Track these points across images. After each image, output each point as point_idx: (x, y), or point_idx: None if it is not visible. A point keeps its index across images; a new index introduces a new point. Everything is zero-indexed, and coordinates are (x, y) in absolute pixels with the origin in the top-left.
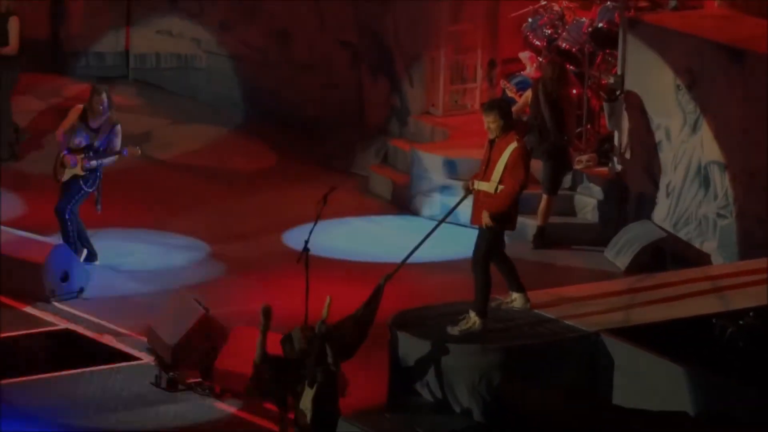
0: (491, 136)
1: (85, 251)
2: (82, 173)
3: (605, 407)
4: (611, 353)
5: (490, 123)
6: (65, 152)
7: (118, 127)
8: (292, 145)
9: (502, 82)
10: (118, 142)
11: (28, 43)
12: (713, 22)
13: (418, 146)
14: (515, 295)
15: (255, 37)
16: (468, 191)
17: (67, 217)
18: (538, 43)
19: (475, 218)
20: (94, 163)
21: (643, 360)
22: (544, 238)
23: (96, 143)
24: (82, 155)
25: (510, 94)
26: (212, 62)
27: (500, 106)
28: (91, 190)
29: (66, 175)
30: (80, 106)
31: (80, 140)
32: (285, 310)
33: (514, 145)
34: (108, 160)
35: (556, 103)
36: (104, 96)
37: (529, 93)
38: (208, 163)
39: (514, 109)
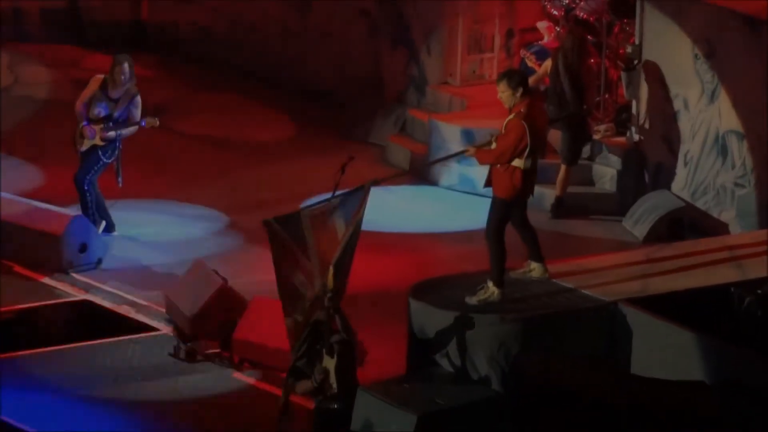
0: (505, 106)
1: (103, 222)
2: (101, 143)
3: (623, 377)
4: (629, 323)
5: (500, 93)
6: (84, 123)
7: (138, 98)
8: (311, 115)
9: (522, 52)
10: (137, 113)
11: (47, 13)
12: None
13: (436, 116)
14: (534, 265)
15: (274, 6)
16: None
17: (85, 187)
18: (556, 12)
19: (487, 181)
20: (112, 133)
21: (661, 330)
22: (561, 208)
23: (115, 114)
24: (101, 126)
25: (530, 63)
26: (231, 31)
27: (510, 76)
28: (109, 161)
29: (85, 146)
30: (100, 76)
31: (99, 110)
32: None
33: (511, 116)
34: (127, 131)
35: (576, 74)
36: (126, 66)
37: (548, 63)
38: (226, 134)
39: (532, 78)
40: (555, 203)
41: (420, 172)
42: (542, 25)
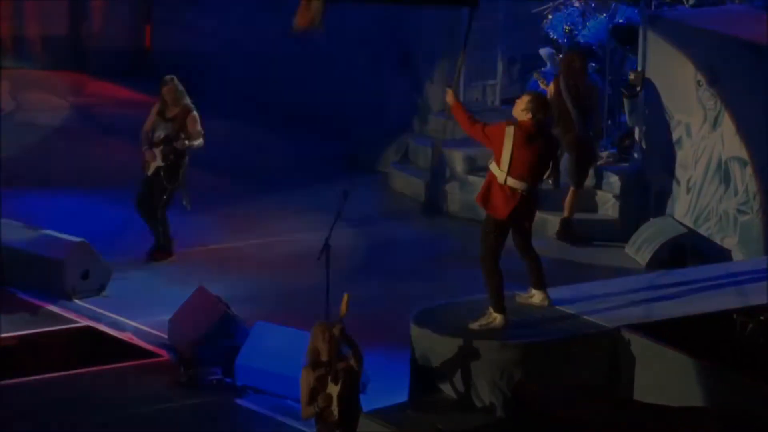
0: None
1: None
2: (163, 164)
3: (625, 403)
4: (631, 349)
5: (516, 107)
6: (146, 148)
7: (194, 114)
8: (313, 142)
9: (534, 74)
10: (195, 128)
11: (49, 40)
12: (734, 18)
13: (439, 143)
14: (534, 292)
15: (276, 32)
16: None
17: (157, 213)
18: (558, 39)
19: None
20: (173, 151)
21: (664, 356)
22: (569, 231)
23: (172, 133)
24: (161, 146)
25: (541, 86)
26: (233, 58)
27: (531, 96)
28: (173, 186)
29: (151, 169)
30: (158, 103)
31: (159, 133)
32: (308, 306)
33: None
34: (181, 145)
35: (579, 95)
36: (172, 85)
37: (551, 87)
38: (228, 160)
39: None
40: (561, 225)
41: (423, 199)
42: (544, 52)
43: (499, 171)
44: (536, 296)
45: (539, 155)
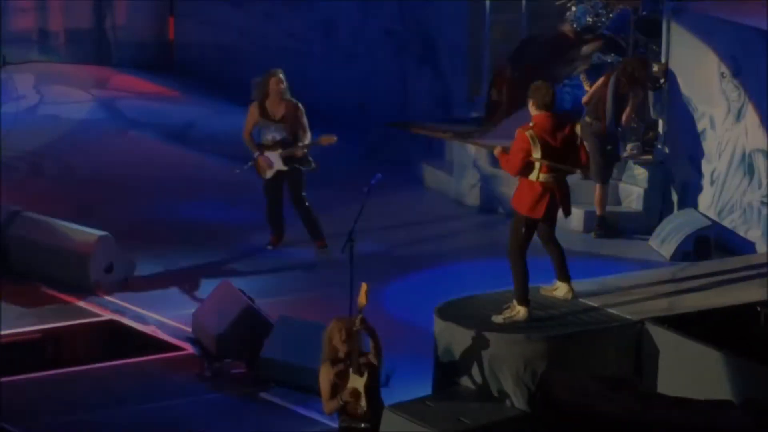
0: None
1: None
2: (285, 168)
3: (649, 396)
4: (655, 342)
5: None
6: (257, 154)
7: (301, 107)
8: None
9: (581, 75)
10: (305, 121)
11: (72, 32)
12: (757, 9)
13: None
14: (559, 284)
15: (299, 26)
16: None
17: (306, 204)
18: (578, 29)
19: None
20: (297, 151)
21: (688, 348)
22: (606, 227)
23: (289, 135)
24: (279, 151)
25: (585, 87)
26: (256, 52)
27: (531, 88)
28: (308, 169)
29: (269, 174)
30: (254, 103)
31: (274, 135)
32: (331, 299)
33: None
34: (305, 144)
35: (621, 98)
36: (281, 75)
37: (601, 80)
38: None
39: (585, 96)
40: (597, 223)
41: (446, 192)
42: None
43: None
44: (560, 288)
45: (564, 143)
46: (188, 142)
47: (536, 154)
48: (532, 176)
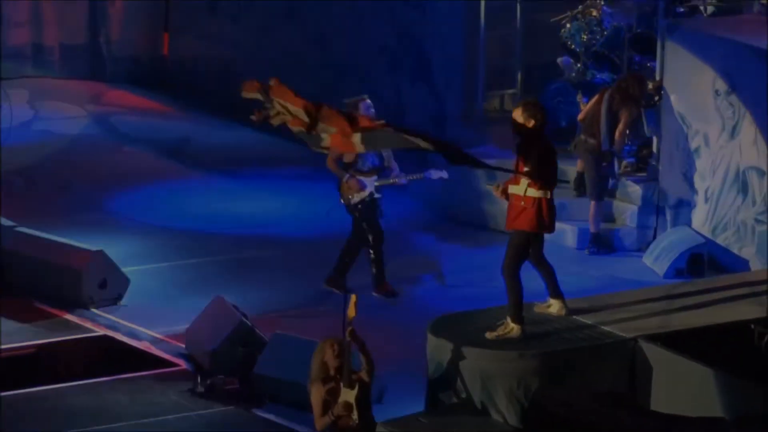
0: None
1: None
2: (378, 195)
3: (643, 413)
4: (649, 359)
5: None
6: (347, 176)
7: None
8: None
9: (578, 96)
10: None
11: (66, 48)
12: (752, 26)
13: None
14: (552, 301)
15: (294, 41)
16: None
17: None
18: (576, 48)
19: (508, 223)
20: (398, 180)
21: (681, 366)
22: (598, 244)
23: (387, 163)
24: (374, 176)
25: (582, 107)
26: (250, 67)
27: (525, 104)
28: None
29: (357, 198)
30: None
31: (373, 161)
32: (325, 315)
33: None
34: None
35: (615, 116)
36: (369, 101)
37: (595, 98)
38: (246, 168)
39: (580, 114)
40: (591, 240)
41: (440, 208)
42: (562, 60)
43: (538, 189)
44: (554, 305)
45: (552, 158)
46: (183, 158)
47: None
48: (541, 194)
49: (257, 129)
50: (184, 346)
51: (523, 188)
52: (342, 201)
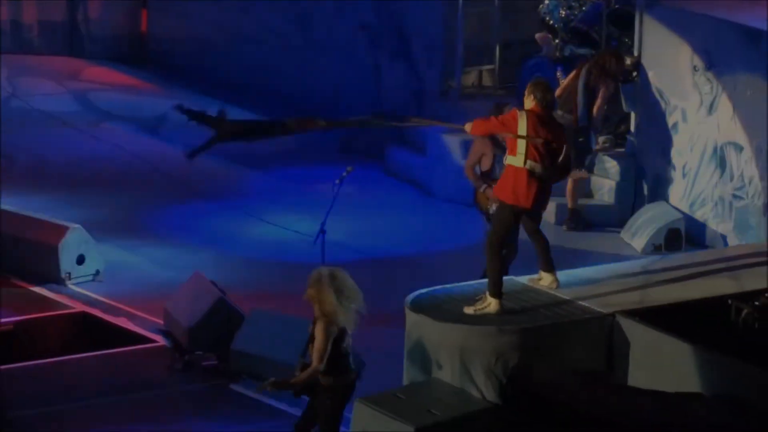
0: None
1: None
2: None
3: (621, 388)
4: (627, 334)
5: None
6: (484, 187)
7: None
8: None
9: (558, 73)
10: None
11: (45, 25)
12: (730, 2)
13: (436, 127)
14: (543, 274)
15: (274, 19)
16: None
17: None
18: (554, 24)
19: (494, 190)
20: None
21: (659, 341)
22: (578, 220)
23: None
24: None
25: (561, 81)
26: (230, 45)
27: (533, 83)
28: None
29: (494, 208)
30: (484, 140)
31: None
32: (300, 293)
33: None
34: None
35: (592, 92)
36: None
37: (572, 74)
38: (224, 146)
39: (558, 90)
40: (570, 215)
41: (419, 184)
42: (540, 36)
43: (516, 158)
44: (545, 278)
45: (552, 139)
46: (161, 135)
47: (520, 133)
48: (518, 162)
49: (235, 105)
50: (162, 322)
51: (511, 158)
52: (480, 210)
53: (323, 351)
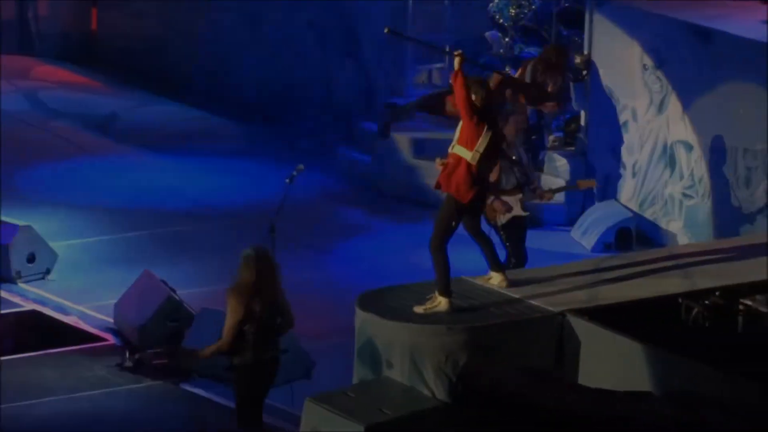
0: None
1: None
2: (526, 213)
3: (571, 387)
4: (577, 333)
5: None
6: (492, 199)
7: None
8: (260, 126)
9: (506, 69)
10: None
11: None
12: (681, 1)
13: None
14: (492, 274)
15: (226, 18)
16: None
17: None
18: (504, 22)
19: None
20: (546, 196)
21: (609, 340)
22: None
23: (530, 175)
24: (519, 195)
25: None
26: (181, 44)
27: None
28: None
29: (503, 219)
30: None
31: (516, 178)
32: None
33: None
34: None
35: (541, 84)
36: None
37: (519, 70)
38: (175, 144)
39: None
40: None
41: (368, 183)
42: (490, 35)
43: (469, 152)
44: (494, 278)
45: (495, 135)
46: (111, 133)
47: (479, 129)
48: (471, 159)
49: (185, 105)
50: (112, 320)
51: (460, 149)
52: (488, 223)
53: (231, 328)
